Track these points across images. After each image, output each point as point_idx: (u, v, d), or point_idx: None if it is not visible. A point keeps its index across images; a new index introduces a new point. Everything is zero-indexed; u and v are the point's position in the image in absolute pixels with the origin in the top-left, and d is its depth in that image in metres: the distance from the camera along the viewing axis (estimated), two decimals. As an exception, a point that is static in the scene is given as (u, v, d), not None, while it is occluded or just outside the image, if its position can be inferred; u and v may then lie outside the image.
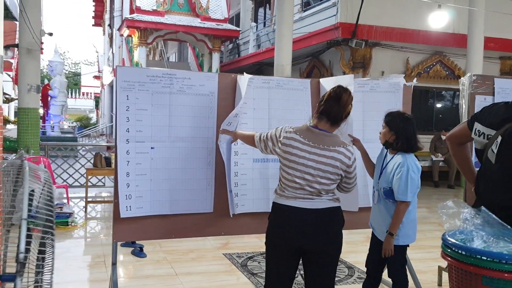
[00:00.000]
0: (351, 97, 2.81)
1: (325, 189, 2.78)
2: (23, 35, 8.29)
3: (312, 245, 2.79)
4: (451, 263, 1.71)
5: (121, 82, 3.52)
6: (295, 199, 2.79)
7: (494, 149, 2.26)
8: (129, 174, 3.54)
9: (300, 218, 2.77)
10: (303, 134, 2.79)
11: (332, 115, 2.76)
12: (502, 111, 2.32)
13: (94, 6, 32.35)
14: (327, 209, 2.80)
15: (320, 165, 2.74)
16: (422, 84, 12.85)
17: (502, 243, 1.69)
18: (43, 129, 20.97)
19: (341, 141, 2.82)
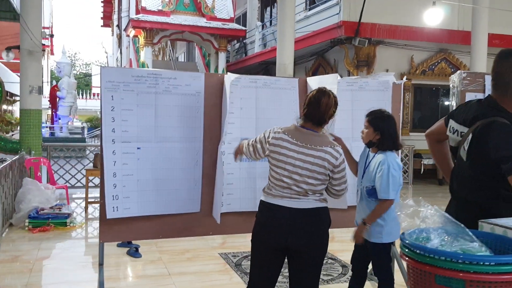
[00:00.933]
0: (331, 99, 2.81)
1: (312, 189, 2.77)
2: (24, 37, 8.36)
3: (297, 244, 2.79)
4: (408, 263, 1.69)
5: (105, 83, 3.53)
6: (282, 198, 2.79)
7: (466, 147, 2.24)
8: (116, 175, 3.56)
9: (285, 217, 2.78)
10: (292, 134, 2.80)
11: (315, 119, 2.80)
12: (474, 108, 2.30)
13: (102, 7, 32.58)
14: (313, 209, 2.80)
15: (307, 164, 2.73)
16: (427, 82, 12.78)
17: (457, 242, 1.67)
18: (51, 130, 21.18)
19: (329, 141, 2.83)
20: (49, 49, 39.86)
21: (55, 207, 6.83)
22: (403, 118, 12.61)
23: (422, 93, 13.14)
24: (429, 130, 2.75)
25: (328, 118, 2.82)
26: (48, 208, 6.74)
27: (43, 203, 6.85)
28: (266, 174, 3.80)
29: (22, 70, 8.66)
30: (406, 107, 12.72)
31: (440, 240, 1.71)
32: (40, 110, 8.96)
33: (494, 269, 1.58)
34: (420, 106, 13.05)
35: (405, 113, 12.70)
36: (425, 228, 1.79)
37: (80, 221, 6.94)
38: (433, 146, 2.73)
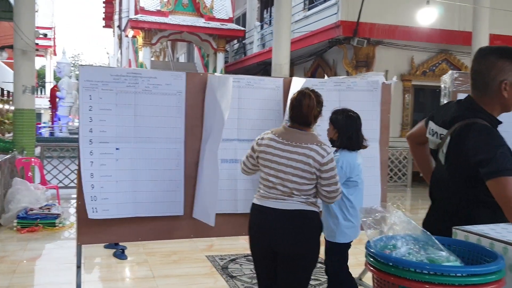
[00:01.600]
0: (312, 100, 2.76)
1: (297, 188, 2.69)
2: (17, 37, 8.29)
3: (281, 247, 2.74)
4: (372, 273, 1.59)
5: (83, 82, 3.44)
6: (268, 199, 2.75)
7: (444, 149, 2.14)
8: (93, 175, 3.46)
9: (270, 218, 2.74)
10: (278, 133, 2.80)
11: (301, 121, 2.77)
12: (453, 109, 2.19)
13: (104, 7, 32.55)
14: (298, 211, 2.71)
15: (291, 161, 2.69)
16: (428, 83, 12.65)
17: (425, 251, 1.56)
18: (51, 130, 21.16)
19: (316, 139, 2.76)
20: (52, 49, 39.97)
21: (45, 208, 6.74)
22: (403, 119, 12.49)
23: (422, 95, 13.01)
24: (410, 132, 2.65)
25: (315, 118, 2.79)
26: (38, 209, 6.66)
27: (33, 203, 6.77)
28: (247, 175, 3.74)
29: (16, 69, 8.61)
30: (406, 109, 12.60)
31: (407, 249, 1.60)
32: (34, 110, 8.89)
33: (463, 281, 1.47)
34: (421, 108, 12.91)
35: (405, 114, 12.59)
36: (393, 236, 1.69)
37: (70, 222, 6.85)
38: (414, 149, 2.63)
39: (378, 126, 4.19)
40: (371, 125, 4.15)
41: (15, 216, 6.45)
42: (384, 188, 4.20)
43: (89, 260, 5.19)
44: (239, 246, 5.74)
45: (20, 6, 8.42)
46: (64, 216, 6.90)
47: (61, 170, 9.38)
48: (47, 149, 9.80)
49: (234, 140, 3.80)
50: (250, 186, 3.79)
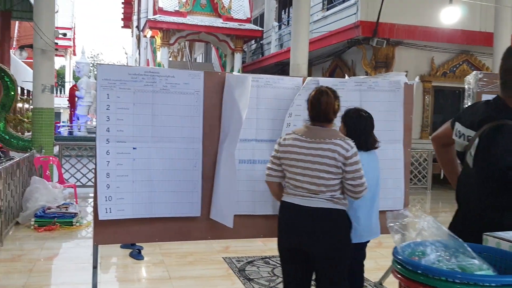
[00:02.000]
0: (331, 96, 2.81)
1: (325, 184, 2.70)
2: (37, 36, 8.34)
3: (309, 246, 2.74)
4: (399, 281, 1.51)
5: (101, 80, 3.41)
6: (295, 196, 2.77)
7: (472, 152, 2.04)
8: (109, 175, 3.43)
9: (298, 216, 2.74)
10: (301, 132, 2.82)
11: (321, 118, 2.80)
12: (482, 110, 2.09)
13: (123, 8, 32.79)
14: (325, 210, 2.72)
15: (317, 158, 2.71)
16: (448, 84, 12.45)
17: (455, 258, 1.48)
18: (70, 129, 21.34)
19: (339, 134, 2.82)
20: (72, 49, 40.41)
21: (62, 206, 6.75)
22: (423, 121, 12.31)
23: (442, 96, 12.81)
24: (435, 134, 2.55)
25: (334, 113, 2.83)
26: (55, 207, 6.67)
27: (50, 202, 6.79)
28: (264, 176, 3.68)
29: (35, 69, 8.66)
30: (426, 110, 12.42)
31: (437, 256, 1.52)
32: (52, 109, 8.94)
33: (496, 291, 1.39)
34: (441, 109, 12.70)
35: (425, 116, 12.41)
36: (421, 242, 1.60)
37: (87, 221, 6.85)
38: (439, 151, 2.54)
39: (402, 127, 4.08)
40: (394, 126, 4.05)
41: (32, 215, 6.47)
42: (407, 191, 4.10)
43: (106, 260, 5.17)
44: (256, 248, 5.68)
45: (40, 5, 8.47)
46: (81, 215, 6.90)
47: (79, 169, 9.42)
48: (65, 148, 9.84)
49: (252, 140, 3.74)
50: (267, 187, 3.72)
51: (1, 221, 5.61)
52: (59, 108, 31.34)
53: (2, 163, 6.36)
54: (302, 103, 3.77)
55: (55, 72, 9.30)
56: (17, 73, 12.66)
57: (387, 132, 3.90)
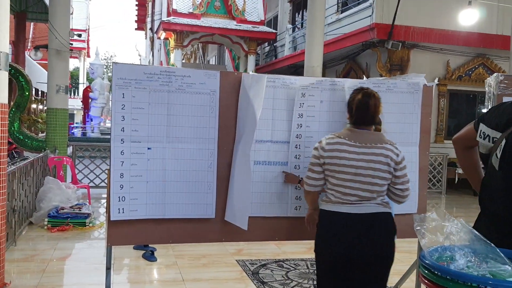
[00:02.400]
0: (377, 98, 2.75)
1: (378, 190, 2.64)
2: (52, 37, 8.38)
3: (359, 254, 2.62)
4: (427, 286, 1.44)
5: (116, 80, 3.37)
6: (342, 204, 2.65)
7: (499, 154, 1.97)
8: (123, 175, 3.39)
9: (347, 224, 2.63)
10: (348, 136, 2.71)
11: (367, 122, 2.73)
12: (509, 111, 2.02)
13: (137, 10, 32.96)
14: (376, 215, 2.64)
15: (370, 163, 2.63)
16: (463, 87, 12.31)
17: (486, 264, 1.41)
18: (83, 130, 21.46)
19: (387, 139, 2.75)
20: (86, 51, 40.72)
21: (75, 207, 6.76)
22: (438, 125, 12.17)
23: (458, 100, 12.66)
24: (457, 135, 2.46)
25: (378, 114, 2.78)
26: (68, 208, 6.68)
27: (64, 202, 6.80)
28: (280, 178, 3.63)
29: (50, 69, 8.71)
30: (441, 114, 12.28)
31: (466, 261, 1.46)
32: (66, 109, 8.98)
33: (529, 299, 1.32)
34: (456, 113, 12.56)
35: (440, 120, 12.27)
36: (449, 246, 1.54)
37: (100, 222, 6.85)
38: (461, 153, 2.45)
39: (418, 130, 4.00)
40: (411, 129, 3.97)
41: (46, 215, 6.48)
42: (424, 195, 4.00)
43: (119, 261, 5.15)
44: (270, 251, 5.63)
45: (55, 6, 8.52)
46: (94, 216, 6.91)
47: (92, 170, 9.44)
48: (79, 149, 9.87)
49: (268, 141, 3.68)
50: (282, 189, 3.67)
51: (15, 221, 5.61)
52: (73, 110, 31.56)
53: (16, 163, 6.38)
54: (316, 104, 3.71)
55: (69, 73, 9.32)
56: (32, 74, 12.75)
57: (403, 135, 3.83)
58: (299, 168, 3.67)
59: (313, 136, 3.69)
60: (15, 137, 8.97)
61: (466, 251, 1.49)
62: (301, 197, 3.66)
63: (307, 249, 5.71)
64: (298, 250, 5.65)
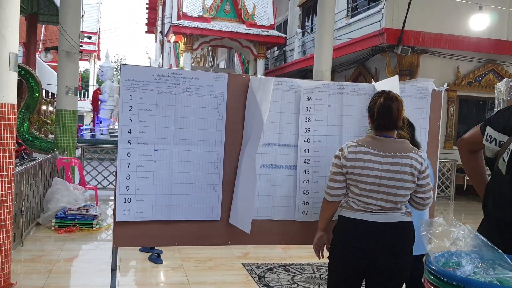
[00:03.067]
0: (400, 102, 2.65)
1: (401, 201, 2.59)
2: (62, 38, 8.43)
3: (380, 262, 2.58)
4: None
5: (124, 81, 3.38)
6: (365, 212, 2.60)
7: (506, 158, 1.94)
8: (129, 177, 3.39)
9: (370, 232, 2.58)
10: (371, 145, 2.62)
11: (389, 127, 2.65)
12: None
13: (147, 13, 33.14)
14: (399, 224, 2.59)
15: (394, 174, 2.56)
16: (473, 93, 12.23)
17: (493, 270, 1.39)
18: (92, 132, 21.57)
19: (411, 147, 2.67)
20: (96, 54, 40.99)
21: (83, 208, 6.77)
22: (447, 131, 12.10)
23: (467, 106, 12.58)
24: (462, 138, 2.43)
25: (401, 119, 2.68)
26: (76, 209, 6.70)
27: (71, 203, 6.82)
28: (286, 181, 3.61)
29: (59, 71, 8.77)
30: (450, 120, 12.21)
31: (473, 267, 1.44)
32: (76, 111, 9.03)
33: (538, 306, 1.30)
34: (465, 119, 12.47)
35: (449, 125, 12.19)
36: (455, 252, 1.52)
37: (107, 224, 6.86)
38: (466, 156, 2.42)
39: (427, 135, 3.97)
40: (419, 134, 3.93)
41: (53, 216, 6.50)
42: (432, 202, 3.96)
43: (125, 263, 5.15)
44: (276, 255, 5.61)
45: (66, 8, 8.58)
46: (102, 218, 6.93)
47: (100, 172, 9.47)
48: (87, 150, 9.91)
49: (275, 145, 3.66)
50: (289, 192, 3.65)
51: (22, 221, 5.64)
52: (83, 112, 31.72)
53: (25, 164, 6.41)
54: (323, 108, 3.69)
55: (79, 75, 9.39)
56: (42, 76, 12.85)
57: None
58: (308, 172, 3.65)
59: (321, 140, 3.67)
60: (25, 138, 9.02)
61: (473, 257, 1.47)
62: (309, 202, 3.65)
63: (313, 254, 5.66)
64: (304, 255, 5.62)
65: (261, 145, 3.53)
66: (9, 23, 3.91)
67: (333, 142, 3.70)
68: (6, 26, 3.89)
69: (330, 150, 3.65)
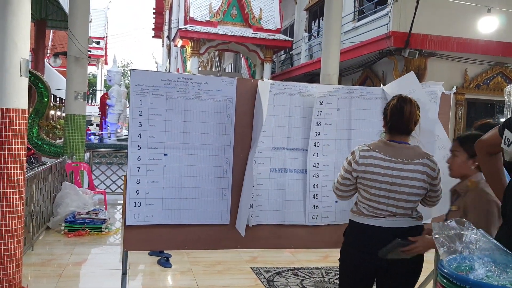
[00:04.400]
0: (414, 105, 2.63)
1: (412, 207, 2.60)
2: (71, 44, 8.49)
3: (392, 267, 2.57)
4: (445, 296, 1.42)
5: (134, 86, 3.41)
6: (375, 217, 2.60)
7: None
8: (139, 181, 3.42)
9: (380, 237, 2.56)
10: (383, 150, 2.61)
11: (401, 130, 2.63)
12: None
13: (154, 18, 33.29)
14: (410, 229, 2.59)
15: (405, 180, 2.56)
16: (482, 96, 12.17)
17: (506, 274, 1.38)
18: (100, 137, 21.66)
19: (424, 152, 2.65)
20: (103, 59, 41.21)
21: (92, 212, 6.81)
22: (455, 134, 12.05)
23: (475, 109, 12.52)
24: (480, 140, 2.36)
25: (415, 124, 2.64)
26: (85, 213, 6.74)
27: (80, 207, 6.85)
28: (295, 185, 3.62)
29: (68, 76, 8.83)
30: (458, 123, 12.15)
31: (485, 271, 1.43)
32: (84, 116, 9.07)
33: (551, 310, 1.29)
34: (474, 122, 12.40)
35: (457, 129, 12.13)
36: (468, 256, 1.52)
37: (116, 228, 6.88)
38: (484, 160, 2.38)
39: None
40: (428, 137, 3.94)
41: (63, 220, 6.54)
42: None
43: (134, 266, 5.17)
44: (284, 259, 5.61)
45: (74, 14, 8.64)
46: (110, 222, 6.96)
47: (108, 176, 9.51)
48: (96, 155, 9.96)
49: (284, 149, 3.68)
50: (298, 197, 3.66)
51: (33, 225, 5.68)
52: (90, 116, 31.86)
53: (35, 168, 6.45)
54: (333, 112, 3.70)
55: (87, 80, 9.45)
56: (50, 81, 12.92)
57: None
58: (318, 176, 3.66)
59: (330, 144, 3.68)
60: (34, 142, 9.08)
61: (486, 260, 1.47)
62: (318, 206, 3.66)
63: (322, 258, 5.68)
64: (313, 258, 5.62)
65: (270, 149, 3.55)
66: (20, 29, 3.96)
67: (341, 146, 3.71)
68: (18, 32, 3.93)
69: (338, 154, 3.67)
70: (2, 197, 3.95)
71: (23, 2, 4.00)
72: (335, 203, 3.69)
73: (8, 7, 3.90)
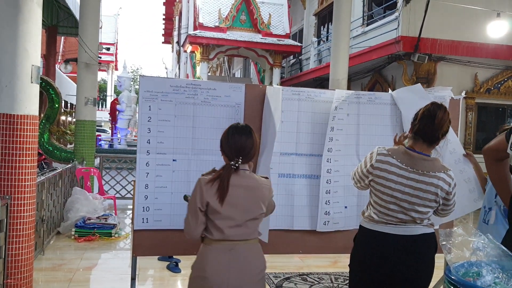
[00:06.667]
0: (447, 114, 2.55)
1: (421, 218, 2.57)
2: (82, 50, 8.57)
3: (403, 273, 2.56)
4: (453, 303, 1.42)
5: (143, 92, 3.44)
6: (386, 224, 2.59)
7: None
8: (148, 186, 3.44)
9: (391, 245, 2.56)
10: (400, 158, 2.58)
11: (427, 136, 2.54)
12: None
13: (164, 24, 33.47)
14: (421, 236, 2.57)
15: (418, 191, 2.53)
16: (492, 101, 12.10)
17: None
18: (110, 142, 21.77)
19: (442, 166, 2.60)
20: (114, 64, 41.49)
21: (102, 217, 6.85)
22: (465, 138, 11.97)
23: (486, 113, 12.44)
24: (487, 146, 2.39)
25: (442, 135, 2.56)
26: (95, 218, 6.78)
27: (91, 212, 6.90)
28: (304, 190, 3.62)
29: (79, 82, 8.90)
30: (469, 127, 12.08)
31: (493, 277, 1.43)
32: (94, 121, 9.14)
33: (560, 317, 1.29)
34: (484, 127, 12.33)
35: (468, 133, 12.07)
36: (476, 262, 1.51)
37: (126, 232, 6.91)
38: (491, 165, 2.39)
39: (445, 144, 3.95)
40: (437, 142, 3.93)
41: (73, 225, 6.58)
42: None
43: (143, 271, 5.18)
44: (293, 264, 5.59)
45: (85, 21, 8.73)
46: (120, 227, 6.98)
47: (118, 181, 9.56)
48: (106, 160, 10.02)
49: (292, 154, 3.68)
50: (306, 202, 3.66)
51: (43, 230, 5.72)
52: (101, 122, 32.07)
53: (45, 174, 6.51)
54: (344, 117, 3.71)
55: (97, 86, 9.53)
56: (61, 87, 13.06)
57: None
58: (330, 182, 3.66)
59: (341, 150, 3.68)
60: (45, 148, 9.16)
61: (493, 267, 1.46)
62: (330, 212, 3.65)
63: (331, 263, 5.66)
64: (322, 264, 5.60)
65: (278, 154, 3.55)
66: (31, 37, 4.01)
67: (350, 151, 3.71)
68: (29, 40, 3.99)
69: (348, 159, 3.67)
70: (14, 202, 3.99)
71: (35, 10, 4.05)
72: (345, 209, 3.69)
73: (19, 15, 3.95)
